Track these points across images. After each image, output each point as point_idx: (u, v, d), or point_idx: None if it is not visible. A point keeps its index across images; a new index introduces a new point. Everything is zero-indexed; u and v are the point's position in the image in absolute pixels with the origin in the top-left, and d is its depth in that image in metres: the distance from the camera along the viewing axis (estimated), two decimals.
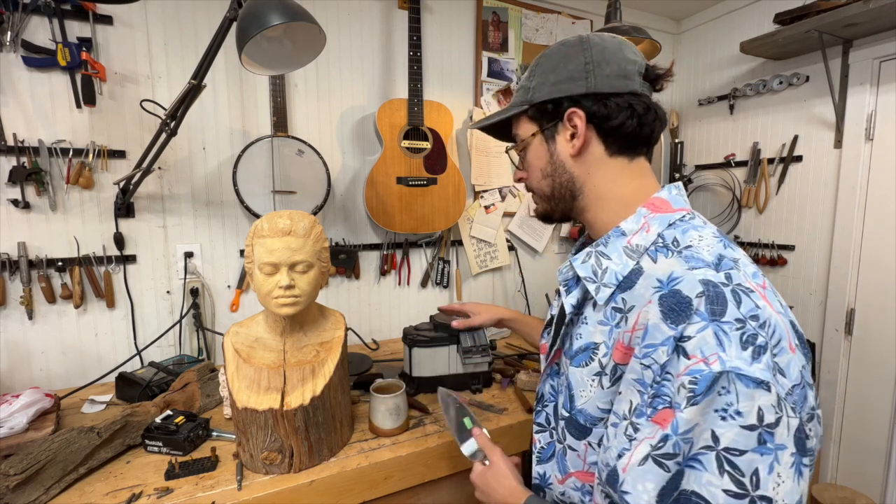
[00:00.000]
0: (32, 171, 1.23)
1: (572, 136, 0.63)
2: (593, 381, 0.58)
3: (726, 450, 0.43)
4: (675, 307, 0.49)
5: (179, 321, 1.45)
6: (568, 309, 0.65)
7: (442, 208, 1.70)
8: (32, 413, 0.98)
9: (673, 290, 0.50)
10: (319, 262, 0.92)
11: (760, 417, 0.43)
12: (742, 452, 0.43)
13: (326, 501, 0.89)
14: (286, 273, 0.86)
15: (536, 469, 0.72)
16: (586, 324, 0.62)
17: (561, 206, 0.68)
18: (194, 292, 1.46)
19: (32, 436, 0.94)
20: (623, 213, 0.63)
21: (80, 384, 1.28)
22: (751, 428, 0.43)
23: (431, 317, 1.32)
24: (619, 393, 0.53)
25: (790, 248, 1.88)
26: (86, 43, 1.26)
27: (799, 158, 1.83)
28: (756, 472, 0.43)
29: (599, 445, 0.58)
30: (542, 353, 0.77)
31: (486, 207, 1.92)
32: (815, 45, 1.65)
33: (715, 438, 0.44)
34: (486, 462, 0.75)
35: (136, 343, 1.40)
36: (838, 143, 1.71)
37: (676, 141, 2.18)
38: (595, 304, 0.61)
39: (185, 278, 1.46)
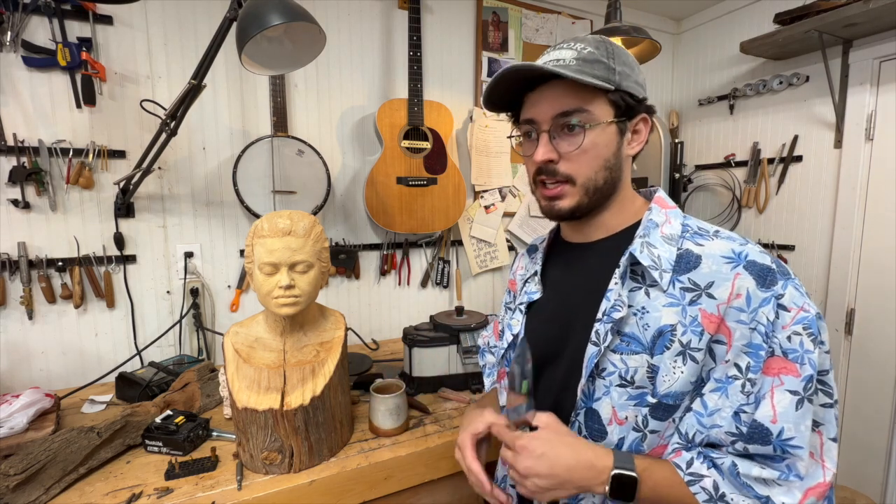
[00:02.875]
0: (32, 171, 1.23)
1: (632, 136, 0.68)
2: (676, 361, 0.59)
3: (820, 372, 0.56)
4: (762, 274, 0.57)
5: (179, 321, 1.45)
6: (624, 304, 0.62)
7: (442, 208, 1.70)
8: (32, 413, 0.98)
9: (750, 261, 0.58)
10: (319, 262, 0.92)
11: (827, 342, 0.58)
12: (825, 372, 0.57)
13: (326, 501, 0.89)
14: (286, 273, 0.86)
15: None
16: (648, 312, 0.61)
17: (596, 201, 0.67)
18: (194, 292, 1.46)
19: (32, 436, 0.94)
20: (640, 211, 0.69)
21: (80, 384, 1.28)
22: (827, 352, 0.57)
23: (431, 317, 1.32)
24: (727, 361, 0.57)
25: (790, 248, 1.88)
26: (86, 43, 1.26)
27: (799, 158, 1.83)
28: (830, 385, 0.57)
29: (681, 417, 0.60)
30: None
31: (486, 207, 1.92)
32: (815, 45, 1.65)
33: (813, 364, 0.55)
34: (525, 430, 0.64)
35: (136, 343, 1.40)
36: (838, 143, 1.71)
37: (676, 141, 2.18)
38: (649, 291, 0.62)
39: (185, 278, 1.46)
